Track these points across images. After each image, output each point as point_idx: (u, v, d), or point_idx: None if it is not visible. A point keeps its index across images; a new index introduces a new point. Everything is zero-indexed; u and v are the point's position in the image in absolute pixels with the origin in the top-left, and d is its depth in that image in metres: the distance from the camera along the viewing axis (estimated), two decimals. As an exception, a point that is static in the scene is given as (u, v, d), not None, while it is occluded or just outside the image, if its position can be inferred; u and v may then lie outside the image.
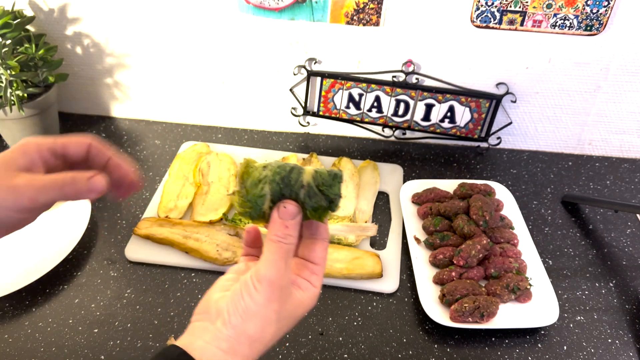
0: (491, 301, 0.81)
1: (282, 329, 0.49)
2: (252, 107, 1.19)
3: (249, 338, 0.46)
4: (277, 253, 0.47)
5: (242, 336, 0.46)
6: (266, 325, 0.47)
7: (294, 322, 0.50)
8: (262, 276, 0.47)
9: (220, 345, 0.46)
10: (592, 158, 1.19)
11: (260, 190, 0.48)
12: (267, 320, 0.47)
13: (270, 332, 0.48)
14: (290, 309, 0.49)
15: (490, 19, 1.00)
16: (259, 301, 0.47)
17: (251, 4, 1.01)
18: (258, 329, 0.47)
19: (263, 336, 0.47)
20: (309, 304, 0.50)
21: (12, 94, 0.96)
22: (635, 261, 0.95)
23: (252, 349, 0.47)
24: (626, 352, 0.80)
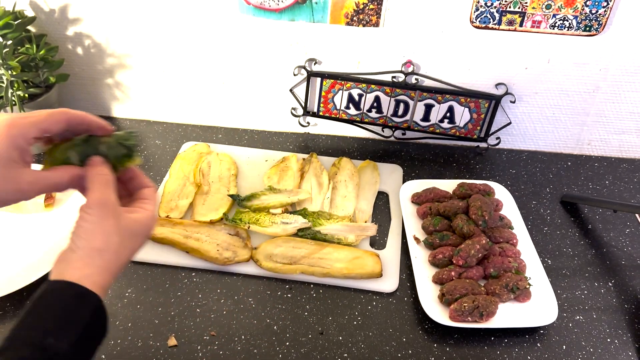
0: (490, 301, 0.81)
1: (126, 239, 0.55)
2: (253, 108, 1.19)
3: (96, 250, 0.52)
4: (98, 183, 0.55)
5: (91, 251, 0.52)
6: (108, 237, 0.53)
7: (137, 238, 0.57)
8: (90, 202, 0.54)
9: (76, 265, 0.51)
10: (591, 158, 1.20)
11: (67, 154, 0.57)
12: (106, 232, 0.53)
13: (115, 242, 0.54)
14: (128, 224, 0.56)
15: (489, 20, 1.00)
16: (93, 220, 0.53)
17: (251, 4, 1.01)
18: (102, 240, 0.53)
19: (109, 246, 0.53)
20: (146, 222, 0.58)
21: (13, 94, 0.97)
22: (634, 261, 0.95)
23: (104, 259, 0.53)
24: (625, 352, 0.81)
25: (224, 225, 0.95)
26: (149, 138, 1.18)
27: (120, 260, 0.55)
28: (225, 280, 0.88)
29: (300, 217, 0.94)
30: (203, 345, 0.78)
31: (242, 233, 0.93)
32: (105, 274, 0.53)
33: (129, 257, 0.57)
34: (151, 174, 1.08)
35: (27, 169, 0.53)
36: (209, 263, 0.89)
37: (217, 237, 0.92)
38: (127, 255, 0.56)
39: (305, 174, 1.06)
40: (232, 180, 1.04)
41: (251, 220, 0.94)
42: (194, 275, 0.88)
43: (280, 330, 0.81)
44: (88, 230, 0.53)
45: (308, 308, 0.84)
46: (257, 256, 0.89)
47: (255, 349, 0.78)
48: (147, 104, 1.21)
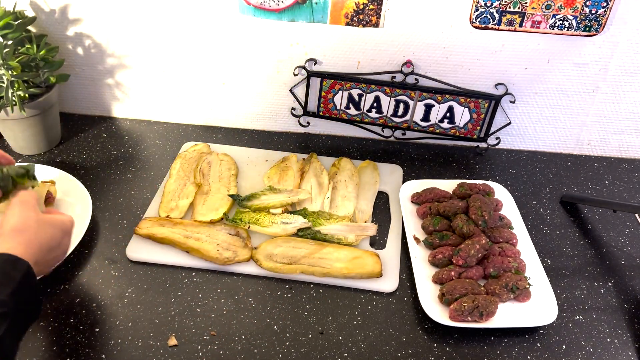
0: (490, 300, 0.81)
1: (44, 226, 0.67)
2: (252, 108, 1.19)
3: (17, 230, 0.64)
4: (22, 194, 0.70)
5: (12, 231, 0.64)
6: (26, 221, 0.65)
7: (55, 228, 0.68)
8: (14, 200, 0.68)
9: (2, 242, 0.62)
10: (591, 158, 1.20)
11: None
12: (25, 218, 0.65)
13: (33, 226, 0.65)
14: (45, 217, 0.68)
15: (489, 20, 1.01)
16: (15, 211, 0.66)
17: (252, 5, 1.02)
18: (21, 224, 0.64)
19: (27, 228, 0.64)
20: (62, 219, 0.71)
21: (13, 94, 0.97)
22: (633, 261, 0.95)
23: (24, 236, 0.64)
24: (625, 352, 0.81)
25: (224, 225, 0.95)
26: (149, 138, 1.18)
27: (40, 241, 0.65)
28: (225, 280, 0.88)
29: (300, 217, 0.95)
30: (203, 345, 0.78)
31: (242, 233, 0.93)
32: (27, 248, 0.63)
33: (51, 243, 0.67)
34: (151, 174, 1.08)
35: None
36: (209, 263, 0.89)
37: (217, 237, 0.92)
38: (47, 240, 0.66)
39: (305, 174, 1.06)
40: (232, 180, 1.04)
41: (251, 220, 0.95)
42: (194, 275, 0.89)
43: (280, 330, 0.81)
44: (10, 217, 0.66)
45: (308, 308, 0.85)
46: (257, 256, 0.89)
47: (255, 349, 0.78)
48: (147, 104, 1.21)
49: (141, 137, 1.18)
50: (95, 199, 1.00)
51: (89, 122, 1.21)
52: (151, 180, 1.07)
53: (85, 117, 1.22)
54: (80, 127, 1.20)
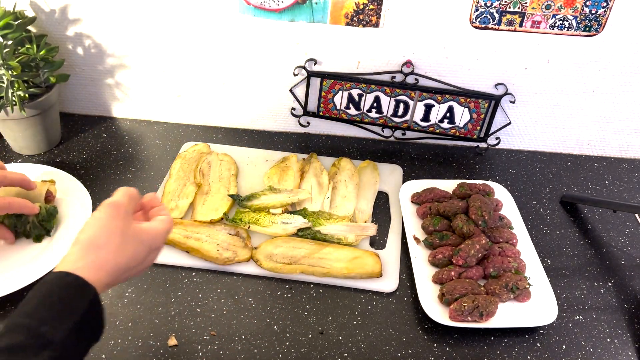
0: (490, 300, 0.81)
1: (129, 244, 0.56)
2: (252, 107, 1.19)
3: (94, 245, 0.54)
4: (121, 191, 0.61)
5: (89, 245, 0.54)
6: (109, 235, 0.55)
7: (142, 246, 0.58)
8: (104, 202, 0.58)
9: (72, 257, 0.53)
10: (591, 158, 1.20)
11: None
12: (109, 231, 0.55)
13: (115, 242, 0.55)
14: (135, 230, 0.57)
15: (489, 20, 1.01)
16: (100, 217, 0.56)
17: (252, 5, 1.02)
18: (102, 236, 0.54)
19: (108, 244, 0.54)
20: (155, 232, 0.59)
21: (13, 94, 0.97)
22: (633, 261, 0.95)
23: (99, 255, 0.54)
24: (625, 352, 0.81)
25: (224, 225, 0.95)
26: (149, 138, 1.18)
27: (118, 262, 0.55)
28: (225, 280, 0.88)
29: (300, 217, 0.95)
30: (203, 345, 0.78)
31: (242, 233, 0.93)
32: (100, 271, 0.53)
33: (130, 263, 0.57)
34: (151, 174, 1.08)
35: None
36: (209, 263, 0.89)
37: (217, 237, 0.92)
38: (126, 259, 0.56)
39: (305, 174, 1.06)
40: (232, 180, 1.04)
41: (251, 220, 0.95)
42: (194, 275, 0.89)
43: (280, 330, 0.81)
44: (92, 225, 0.56)
45: (308, 308, 0.85)
46: (257, 256, 0.89)
47: (255, 349, 0.78)
48: (148, 104, 1.21)
49: (141, 137, 1.18)
50: (95, 199, 0.99)
51: (89, 122, 1.21)
52: (151, 180, 1.07)
53: (85, 117, 1.22)
54: (80, 127, 1.20)
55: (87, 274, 0.52)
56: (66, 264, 0.53)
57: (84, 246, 0.54)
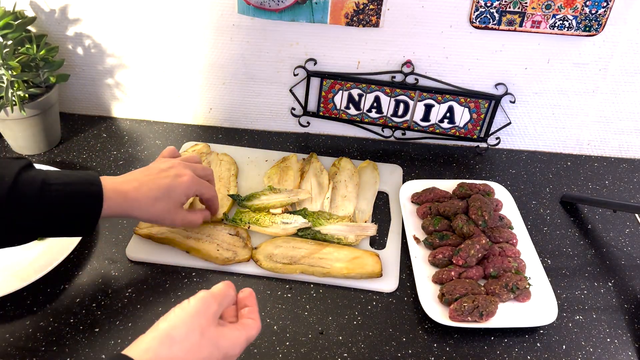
0: (490, 300, 0.81)
1: (205, 346, 0.53)
2: (252, 107, 1.19)
3: (170, 338, 0.52)
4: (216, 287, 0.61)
5: (165, 337, 0.52)
6: (189, 332, 0.53)
7: (216, 351, 0.54)
8: (195, 296, 0.57)
9: (144, 344, 0.52)
10: (591, 158, 1.20)
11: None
12: (190, 328, 0.53)
13: (192, 341, 0.53)
14: (214, 332, 0.55)
15: (489, 20, 1.01)
16: (187, 308, 0.55)
17: (251, 4, 1.02)
18: (181, 332, 0.52)
19: (185, 340, 0.52)
20: (233, 339, 0.56)
21: (13, 94, 0.97)
22: (634, 261, 0.95)
23: (172, 350, 0.51)
24: (625, 352, 0.81)
25: (224, 225, 0.95)
26: (149, 138, 1.18)
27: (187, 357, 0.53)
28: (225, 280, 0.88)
29: (300, 217, 0.95)
30: (203, 345, 0.78)
31: (242, 233, 0.93)
32: None
33: None
34: (151, 174, 1.08)
35: (181, 209, 0.81)
36: (209, 263, 0.89)
37: (217, 237, 0.92)
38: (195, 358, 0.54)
39: (305, 174, 1.06)
40: (232, 180, 1.04)
41: (251, 220, 0.95)
42: (194, 275, 0.89)
43: (280, 330, 0.81)
44: (176, 316, 0.55)
45: (308, 308, 0.85)
46: (257, 256, 0.89)
47: (255, 349, 0.78)
48: (148, 104, 1.21)
49: (141, 137, 1.18)
50: (95, 199, 0.99)
51: (89, 122, 1.21)
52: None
53: (85, 117, 1.22)
54: (80, 127, 1.20)
55: None
56: (136, 351, 0.51)
57: (160, 337, 0.52)
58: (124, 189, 0.74)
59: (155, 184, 0.77)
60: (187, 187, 0.80)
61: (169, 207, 0.78)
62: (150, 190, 0.76)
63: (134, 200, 0.75)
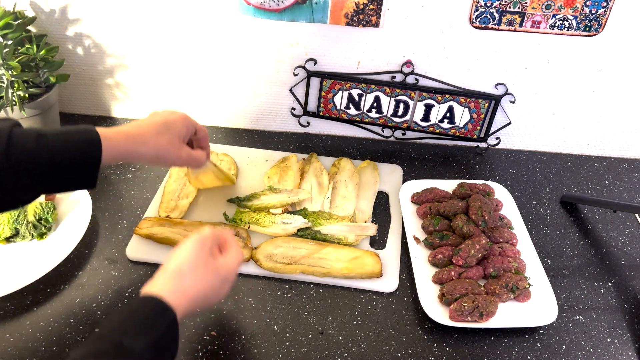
0: (490, 300, 0.81)
1: (209, 275, 0.64)
2: (252, 108, 1.19)
3: (180, 273, 0.61)
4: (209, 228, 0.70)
5: (176, 273, 0.61)
6: (195, 266, 0.63)
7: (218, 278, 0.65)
8: (193, 237, 0.66)
9: (160, 281, 0.61)
10: (591, 158, 1.20)
11: None
12: (195, 262, 0.63)
13: (198, 273, 0.63)
14: (215, 264, 0.65)
15: (489, 20, 1.01)
16: (187, 248, 0.64)
17: (251, 4, 1.02)
18: (188, 267, 0.62)
19: (192, 273, 0.62)
20: (231, 267, 0.67)
21: (13, 94, 0.97)
22: (633, 261, 0.95)
23: (184, 282, 0.61)
24: (625, 352, 0.81)
25: (224, 225, 0.95)
26: (149, 138, 1.18)
27: (198, 290, 0.62)
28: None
29: (300, 217, 0.95)
30: (203, 345, 0.78)
31: (242, 233, 0.93)
32: (182, 297, 0.60)
33: (207, 292, 0.64)
34: (151, 174, 1.08)
35: (185, 145, 0.80)
36: (209, 263, 0.89)
37: (217, 237, 0.92)
38: (205, 289, 0.63)
39: (305, 174, 1.06)
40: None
41: (251, 220, 0.95)
42: (194, 275, 0.88)
43: (280, 330, 0.81)
44: (179, 256, 0.64)
45: (308, 308, 0.85)
46: (257, 256, 0.89)
47: (255, 349, 0.78)
48: (147, 104, 1.21)
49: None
50: (95, 199, 1.00)
51: (89, 122, 1.21)
52: (151, 180, 1.07)
53: (85, 117, 1.22)
54: (80, 127, 1.20)
55: (171, 298, 0.58)
56: (153, 288, 0.60)
57: (171, 274, 0.62)
58: (124, 129, 0.74)
59: (153, 121, 0.78)
60: (183, 119, 0.81)
61: (172, 140, 0.77)
62: (149, 125, 0.76)
63: (137, 136, 0.74)
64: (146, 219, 0.94)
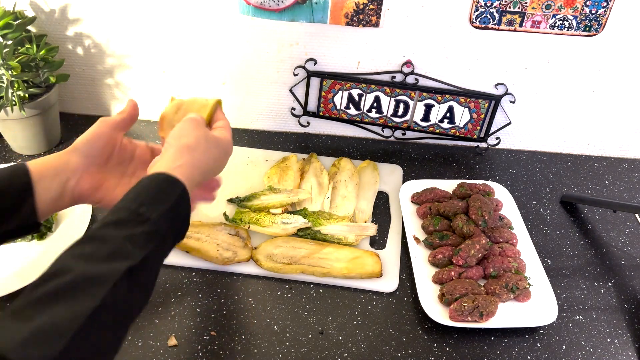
0: (490, 300, 0.81)
1: (212, 146, 0.65)
2: (252, 107, 1.19)
3: (186, 147, 0.62)
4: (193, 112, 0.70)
5: (182, 147, 0.62)
6: (197, 139, 0.63)
7: (220, 149, 0.66)
8: (186, 118, 0.67)
9: (169, 158, 0.61)
10: (591, 158, 1.20)
11: None
12: (196, 136, 0.64)
13: (203, 144, 0.63)
14: (213, 136, 0.66)
15: (489, 20, 1.01)
16: (186, 126, 0.65)
17: (251, 4, 1.02)
18: (192, 140, 0.63)
19: (198, 146, 0.63)
20: (226, 139, 0.68)
21: (13, 94, 0.97)
22: (634, 261, 0.95)
23: (193, 155, 0.62)
24: (625, 352, 0.81)
25: (224, 225, 0.95)
26: (149, 138, 1.18)
27: (207, 162, 0.64)
28: (225, 280, 0.88)
29: (300, 217, 0.95)
30: (203, 345, 0.78)
31: (242, 233, 0.93)
32: (194, 169, 0.61)
33: (211, 164, 0.65)
34: (151, 174, 1.08)
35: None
36: (209, 263, 0.89)
37: (217, 237, 0.92)
38: (211, 160, 0.65)
39: (305, 174, 1.06)
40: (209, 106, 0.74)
41: (251, 220, 0.94)
42: (194, 275, 0.88)
43: (280, 330, 0.81)
44: (181, 130, 0.64)
45: (308, 308, 0.85)
46: (257, 256, 0.89)
47: (255, 349, 0.78)
48: (147, 104, 1.21)
49: (141, 137, 1.18)
50: (95, 199, 0.99)
51: (89, 122, 1.19)
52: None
53: (85, 117, 1.22)
54: (80, 127, 1.20)
55: (185, 170, 0.60)
56: (164, 165, 0.60)
57: (178, 149, 0.62)
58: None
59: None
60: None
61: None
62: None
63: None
64: (146, 219, 0.94)
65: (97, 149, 0.67)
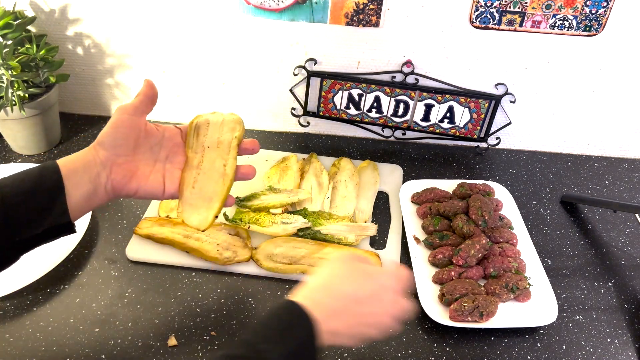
0: (490, 300, 0.81)
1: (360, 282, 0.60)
2: (252, 107, 1.19)
3: (324, 287, 0.58)
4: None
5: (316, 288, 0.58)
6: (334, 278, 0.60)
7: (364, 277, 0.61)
8: (336, 255, 0.64)
9: (303, 292, 0.58)
10: (591, 158, 1.20)
11: None
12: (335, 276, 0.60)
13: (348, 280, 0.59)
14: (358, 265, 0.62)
15: (489, 20, 1.01)
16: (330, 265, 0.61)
17: (251, 4, 1.02)
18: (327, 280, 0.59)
19: (330, 286, 0.59)
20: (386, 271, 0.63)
21: (13, 94, 0.97)
22: (634, 261, 0.95)
23: (331, 297, 0.57)
24: (625, 352, 0.81)
25: (224, 225, 0.95)
26: (149, 138, 1.18)
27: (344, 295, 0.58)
28: (225, 280, 0.88)
29: (300, 217, 0.95)
30: (203, 345, 0.78)
31: (242, 233, 0.93)
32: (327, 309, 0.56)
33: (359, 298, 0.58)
34: (151, 174, 1.08)
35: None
36: (209, 263, 0.89)
37: (217, 237, 0.92)
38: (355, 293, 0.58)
39: (305, 174, 1.06)
40: (233, 148, 0.71)
41: (251, 220, 0.94)
42: (194, 275, 0.88)
43: (280, 330, 0.81)
44: (322, 272, 0.61)
45: (308, 308, 0.84)
46: (257, 256, 0.89)
47: (255, 349, 0.78)
48: (147, 104, 1.21)
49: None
50: (95, 199, 0.99)
51: (89, 122, 1.21)
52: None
53: (85, 117, 1.22)
54: (80, 127, 1.20)
55: (313, 309, 0.54)
56: (303, 292, 0.57)
57: (312, 287, 0.58)
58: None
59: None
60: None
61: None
62: None
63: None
64: (146, 219, 0.94)
65: (121, 139, 0.63)
